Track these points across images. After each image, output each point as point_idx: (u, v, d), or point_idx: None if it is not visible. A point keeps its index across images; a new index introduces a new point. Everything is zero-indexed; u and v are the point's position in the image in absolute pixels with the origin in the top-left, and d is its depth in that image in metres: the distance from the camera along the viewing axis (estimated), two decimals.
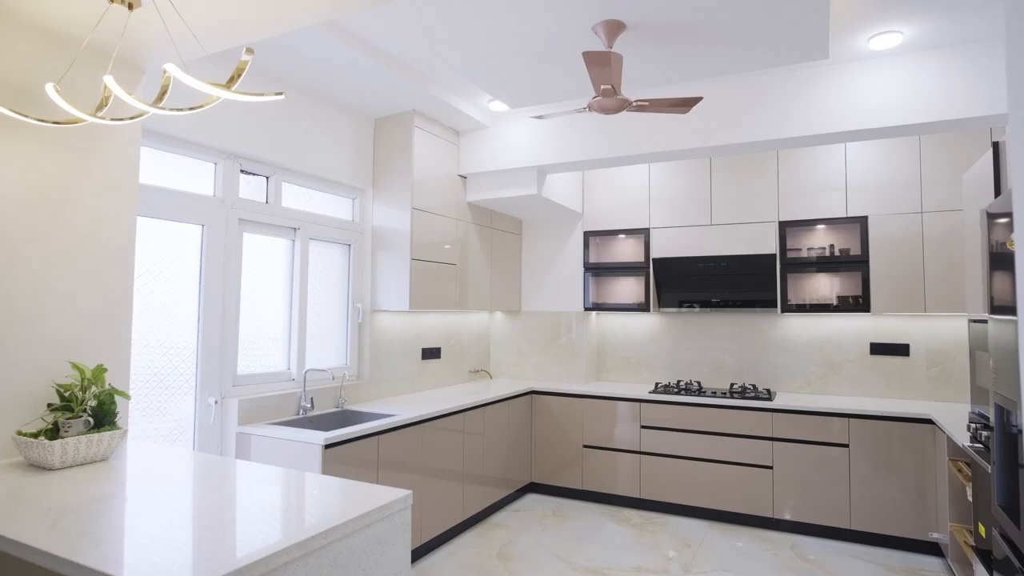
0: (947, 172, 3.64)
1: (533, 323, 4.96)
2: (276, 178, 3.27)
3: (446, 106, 3.69)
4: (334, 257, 3.67)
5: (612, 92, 2.26)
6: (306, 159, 3.35)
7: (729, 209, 4.22)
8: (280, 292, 3.33)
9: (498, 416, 4.09)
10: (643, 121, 3.59)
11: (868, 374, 4.02)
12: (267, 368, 3.23)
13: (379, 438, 3.00)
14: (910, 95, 2.94)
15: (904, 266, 3.69)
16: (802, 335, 4.21)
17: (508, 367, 5.05)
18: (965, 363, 3.76)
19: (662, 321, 4.69)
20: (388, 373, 3.92)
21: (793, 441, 3.71)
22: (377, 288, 3.79)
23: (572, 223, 4.81)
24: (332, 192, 3.66)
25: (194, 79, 1.31)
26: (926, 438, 3.40)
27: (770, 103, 3.26)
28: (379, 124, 3.85)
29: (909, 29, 2.70)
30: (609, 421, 4.26)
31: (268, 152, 3.13)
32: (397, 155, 3.77)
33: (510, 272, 4.87)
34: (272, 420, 3.09)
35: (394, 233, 3.74)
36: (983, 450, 2.34)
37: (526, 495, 4.49)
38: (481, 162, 4.12)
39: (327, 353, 3.61)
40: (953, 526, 3.02)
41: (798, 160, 4.03)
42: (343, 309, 3.74)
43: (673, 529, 3.80)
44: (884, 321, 3.99)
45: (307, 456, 2.67)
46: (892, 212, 3.75)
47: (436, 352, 4.41)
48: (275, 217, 3.24)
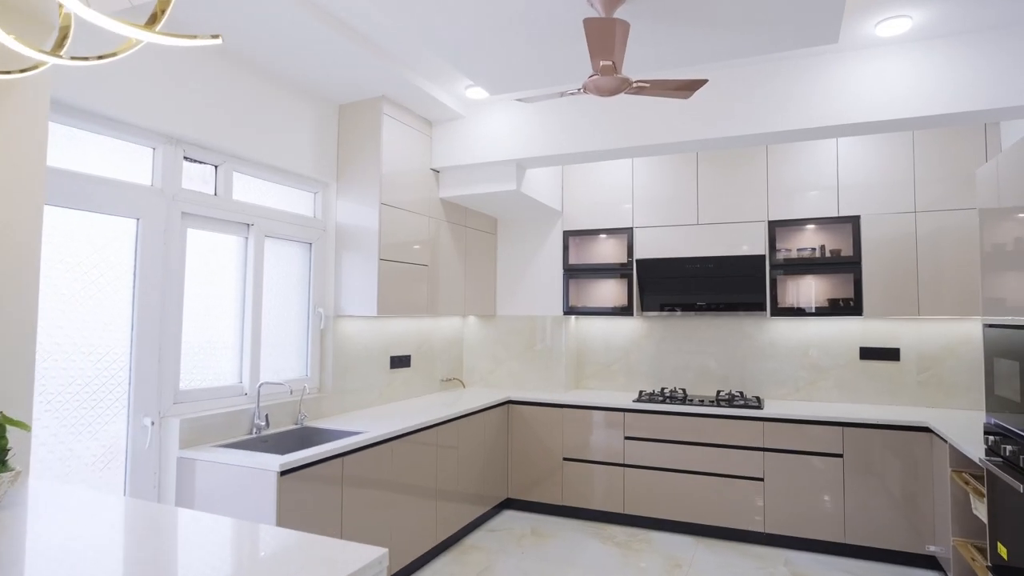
0: (940, 170, 3.53)
1: (509, 328, 4.68)
2: (226, 167, 2.91)
3: (419, 92, 3.38)
4: (293, 257, 3.32)
5: (612, 70, 2.01)
6: (262, 147, 3.00)
7: (716, 208, 4.03)
8: (231, 296, 2.96)
9: (473, 428, 3.79)
10: (632, 111, 3.36)
11: (858, 379, 3.88)
12: (215, 381, 2.86)
13: (344, 459, 2.66)
14: (917, 86, 2.78)
15: (897, 268, 3.56)
16: (790, 339, 4.05)
17: (482, 375, 4.76)
18: (956, 368, 3.66)
19: (644, 325, 4.48)
20: (353, 384, 3.58)
21: (785, 451, 3.53)
22: (341, 291, 3.45)
23: (551, 222, 4.56)
24: (291, 185, 3.31)
25: (102, 15, 0.99)
26: (922, 447, 3.26)
27: (768, 94, 3.07)
28: (344, 111, 3.51)
29: (919, 14, 2.54)
30: (591, 432, 4.01)
31: (217, 137, 2.76)
32: (364, 145, 3.44)
33: (485, 274, 4.59)
34: (220, 442, 2.72)
35: (360, 231, 3.40)
36: (1004, 464, 2.18)
37: (502, 512, 4.20)
38: (456, 155, 3.82)
39: (285, 363, 3.25)
40: (956, 541, 2.87)
41: (788, 157, 3.87)
42: (303, 314, 3.39)
43: (660, 547, 3.57)
44: (873, 325, 3.86)
45: (260, 485, 2.32)
46: (885, 211, 3.62)
47: (406, 360, 4.09)
48: (225, 211, 2.88)
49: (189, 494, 2.49)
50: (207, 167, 2.86)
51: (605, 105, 3.43)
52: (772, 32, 2.38)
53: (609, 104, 3.42)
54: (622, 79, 2.07)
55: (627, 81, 2.08)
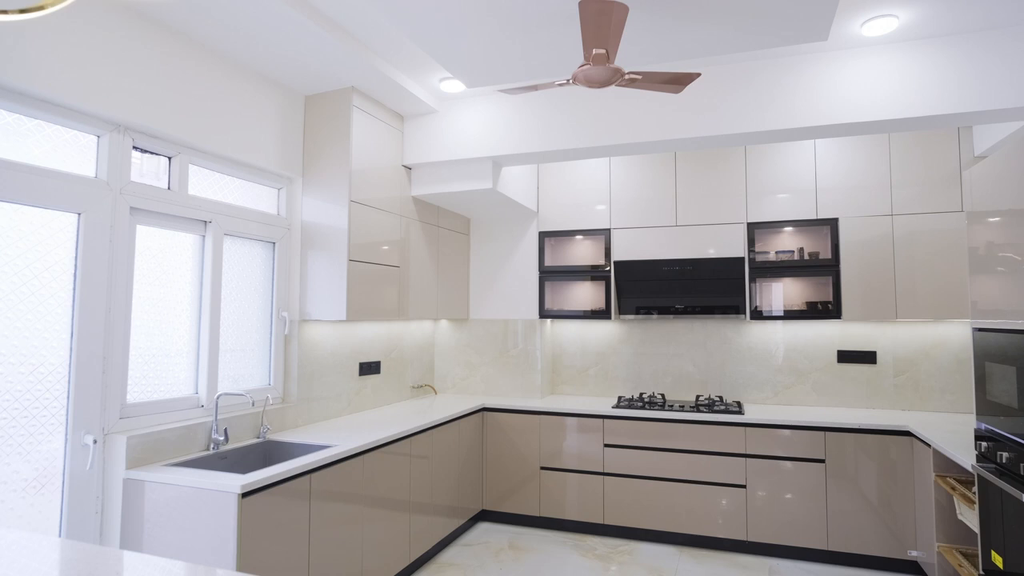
0: (915, 173, 3.54)
1: (482, 332, 4.52)
2: (182, 159, 2.67)
3: (391, 84, 3.20)
4: (255, 257, 3.09)
5: (605, 59, 1.89)
6: (221, 138, 2.77)
7: (695, 209, 3.97)
8: (186, 299, 2.72)
9: (447, 438, 3.62)
10: (613, 109, 3.26)
11: (835, 383, 3.87)
12: (167, 393, 2.61)
13: (311, 476, 2.46)
14: (901, 88, 2.75)
15: (875, 270, 3.56)
16: (768, 343, 4.02)
17: (454, 381, 4.59)
18: (932, 371, 3.67)
19: (621, 329, 4.38)
20: (320, 393, 3.37)
21: (767, 457, 3.47)
22: (307, 294, 3.23)
23: (526, 223, 4.42)
24: (253, 180, 3.08)
25: None
26: (903, 451, 3.24)
27: (751, 93, 3.00)
28: (311, 103, 3.30)
29: (906, 13, 2.50)
30: (569, 440, 3.88)
31: (171, 126, 2.53)
32: (332, 140, 3.24)
33: (457, 276, 4.42)
34: (173, 460, 2.48)
35: (328, 230, 3.20)
36: (1000, 471, 2.14)
37: (477, 525, 4.03)
38: (429, 151, 3.65)
39: (245, 371, 3.01)
40: (941, 546, 2.85)
41: (766, 158, 3.84)
42: (266, 319, 3.16)
43: (643, 558, 3.46)
44: (851, 328, 3.85)
45: (219, 508, 2.10)
46: (862, 214, 3.61)
47: (375, 367, 3.88)
48: (180, 207, 2.64)
49: (137, 521, 2.25)
50: (160, 158, 2.62)
51: (585, 102, 3.31)
52: (764, 27, 2.30)
53: (589, 101, 3.31)
54: (614, 70, 1.95)
55: (619, 72, 1.96)
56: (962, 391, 3.62)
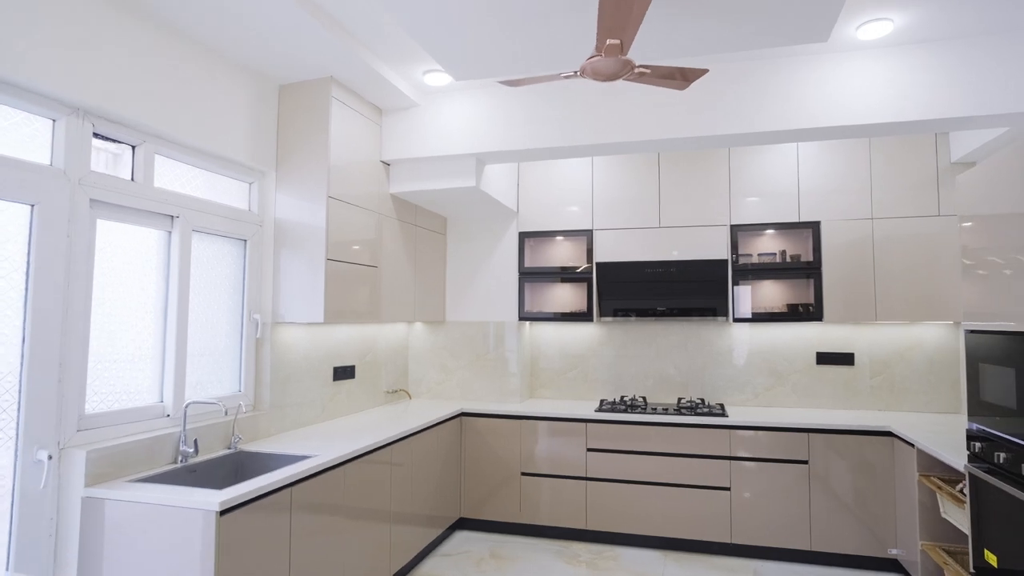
0: (894, 177, 3.60)
1: (459, 335, 4.40)
2: (147, 148, 2.46)
3: (372, 76, 3.05)
4: (225, 255, 2.89)
5: (617, 50, 1.80)
6: (190, 126, 2.57)
7: (678, 211, 3.95)
8: (151, 299, 2.51)
9: (427, 444, 3.48)
10: (603, 106, 3.19)
11: (814, 384, 3.91)
12: (130, 402, 2.40)
13: (292, 489, 2.30)
14: (892, 92, 2.78)
15: (855, 273, 3.60)
16: (749, 345, 4.03)
17: (430, 385, 4.44)
18: (907, 372, 3.75)
19: (601, 331, 4.33)
20: (293, 399, 3.18)
21: (751, 459, 3.47)
22: (280, 295, 3.05)
23: (506, 223, 4.32)
24: (223, 173, 2.88)
25: None
26: (884, 451, 3.28)
27: (742, 94, 2.99)
28: (285, 93, 3.12)
29: (900, 17, 2.52)
30: (551, 444, 3.80)
31: (136, 111, 2.32)
32: (309, 132, 3.06)
33: (434, 277, 4.28)
34: (138, 475, 2.27)
35: (304, 228, 3.02)
36: (997, 471, 2.15)
37: (455, 533, 3.90)
38: (409, 147, 3.51)
39: (214, 378, 2.81)
40: (924, 544, 2.88)
41: (750, 161, 3.85)
42: (235, 321, 2.96)
43: (628, 564, 3.40)
44: (830, 330, 3.90)
45: (194, 527, 1.92)
46: (843, 218, 3.65)
47: (350, 371, 3.71)
48: (145, 200, 2.43)
49: (97, 544, 2.04)
50: (123, 147, 2.41)
51: (573, 100, 3.24)
52: (766, 25, 2.27)
53: (577, 99, 3.23)
54: (625, 62, 1.88)
55: (630, 65, 1.89)
56: (935, 392, 3.70)
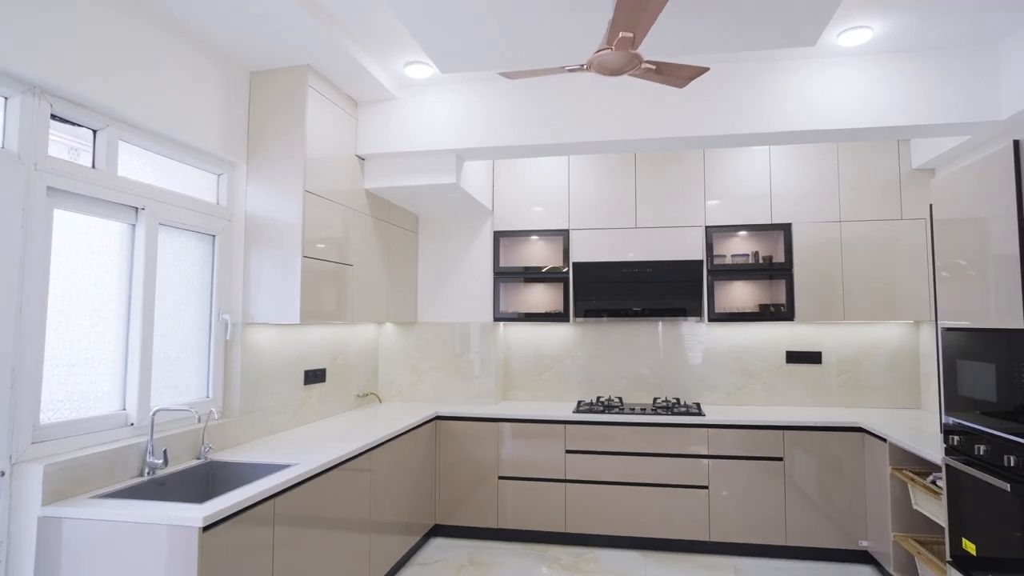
0: (860, 181, 3.73)
1: (432, 336, 4.28)
2: (110, 133, 2.26)
3: (352, 66, 2.92)
4: (192, 251, 2.70)
5: (629, 43, 1.77)
6: (156, 111, 2.38)
7: (655, 211, 3.97)
8: (113, 298, 2.31)
9: (403, 449, 3.36)
10: (588, 104, 3.17)
11: (784, 383, 4.01)
12: (90, 410, 2.19)
13: (275, 500, 2.15)
14: (869, 98, 2.87)
15: (824, 274, 3.72)
16: (722, 345, 4.10)
17: (401, 388, 4.31)
18: (871, 370, 3.90)
19: (576, 332, 4.31)
20: (263, 405, 3.01)
21: (729, 457, 3.51)
22: (251, 294, 2.88)
23: (480, 221, 4.24)
24: (191, 163, 2.69)
25: None
26: (855, 446, 3.39)
27: (724, 95, 3.02)
28: (257, 80, 2.95)
29: (880, 25, 2.61)
30: (529, 447, 3.74)
31: (99, 91, 2.13)
32: (283, 123, 2.90)
33: (406, 276, 4.16)
34: (101, 490, 2.07)
35: (277, 223, 2.86)
36: (973, 462, 2.24)
37: (430, 541, 3.79)
38: (387, 141, 3.39)
39: (180, 382, 2.62)
40: (897, 535, 2.99)
41: (724, 163, 3.91)
42: (203, 322, 2.77)
43: (609, 565, 3.38)
44: (799, 329, 4.01)
45: (173, 547, 1.76)
46: (813, 220, 3.76)
47: (321, 375, 3.55)
48: (107, 189, 2.23)
49: (53, 569, 1.84)
50: (83, 131, 2.20)
51: (555, 97, 3.20)
52: (762, 27, 2.29)
53: (559, 96, 3.20)
54: (633, 56, 1.85)
55: (638, 59, 1.86)
56: (897, 388, 3.86)
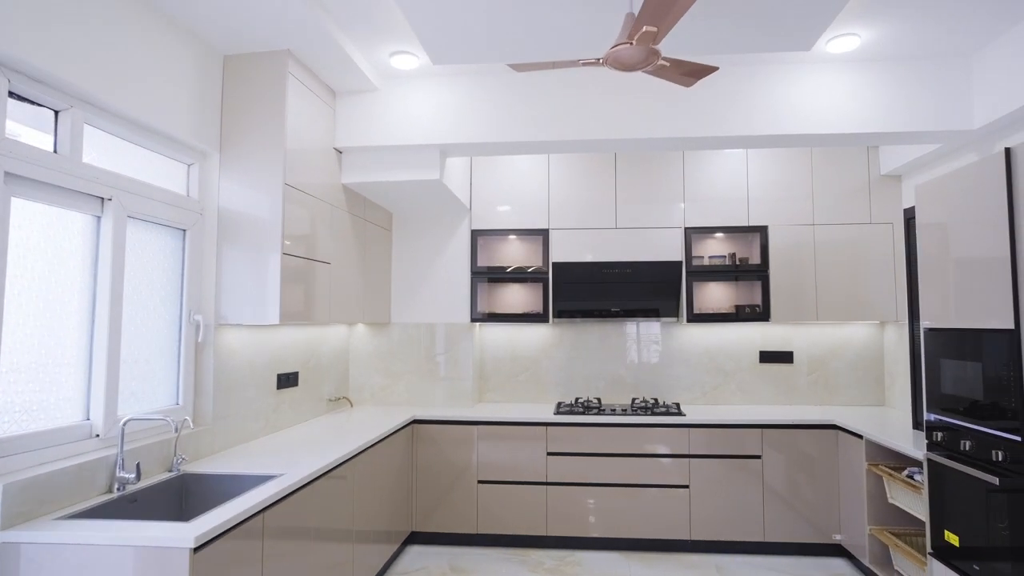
0: (832, 186, 3.85)
1: (405, 338, 4.15)
2: (74, 115, 2.05)
3: (335, 53, 2.78)
4: (161, 247, 2.50)
5: (652, 38, 1.73)
6: (124, 92, 2.18)
7: (635, 212, 3.98)
8: (76, 296, 2.10)
9: (382, 455, 3.22)
10: (572, 103, 3.13)
11: (757, 382, 4.09)
12: (50, 421, 1.98)
13: (264, 515, 2.00)
14: (855, 104, 2.96)
15: (798, 276, 3.81)
16: (698, 345, 4.15)
17: (373, 391, 4.16)
18: (840, 369, 4.03)
19: (553, 333, 4.27)
20: (236, 411, 2.82)
21: (709, 457, 3.55)
22: (224, 293, 2.69)
23: (457, 220, 4.14)
24: (160, 151, 2.48)
25: None
26: (829, 443, 3.49)
27: (713, 97, 3.05)
28: (231, 65, 2.76)
29: (868, 33, 2.68)
30: (510, 450, 3.67)
31: (62, 67, 1.92)
32: (261, 112, 2.73)
33: (380, 276, 4.01)
34: (66, 510, 1.87)
35: (254, 218, 2.68)
36: (958, 457, 2.32)
37: (407, 549, 3.67)
38: (368, 134, 3.25)
39: (147, 389, 2.41)
40: (873, 529, 3.08)
41: (703, 165, 3.95)
42: (173, 324, 2.56)
43: (593, 567, 3.36)
44: (772, 329, 4.10)
45: (162, 570, 1.60)
46: (788, 223, 3.85)
47: (294, 378, 3.37)
48: (71, 177, 2.02)
49: None
50: (45, 111, 1.99)
51: (541, 95, 3.14)
52: (763, 30, 2.31)
53: (549, 93, 3.14)
54: (652, 52, 1.81)
55: (656, 55, 1.82)
56: (863, 386, 4.01)
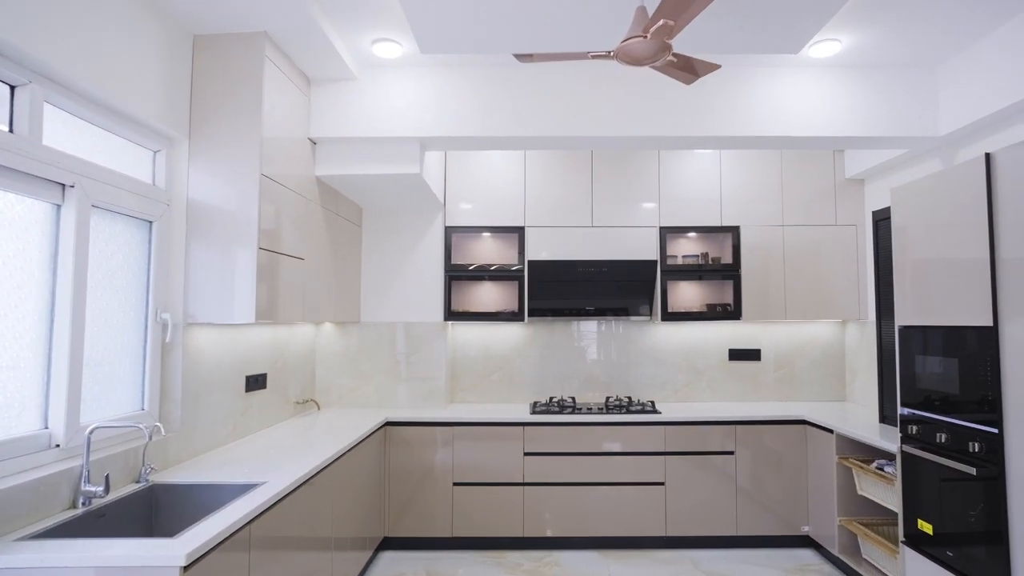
0: (800, 188, 3.97)
1: (376, 337, 4.02)
2: (33, 91, 1.85)
3: (315, 37, 2.64)
4: (126, 239, 2.30)
5: (668, 32, 1.71)
6: (87, 69, 1.98)
7: (611, 211, 3.98)
8: (33, 292, 1.89)
9: (357, 459, 3.10)
10: (558, 99, 3.09)
11: (726, 379, 4.18)
12: (3, 431, 1.78)
13: (251, 526, 1.87)
14: (834, 108, 3.05)
15: (768, 275, 3.91)
16: (670, 343, 4.20)
17: (341, 393, 4.00)
18: (804, 366, 4.17)
19: (527, 332, 4.23)
20: (204, 416, 2.64)
21: (684, 453, 3.60)
22: (192, 290, 2.51)
23: (431, 216, 4.04)
24: (124, 135, 2.29)
25: None
26: (799, 438, 3.60)
27: (698, 97, 3.08)
28: (201, 45, 2.58)
29: (849, 38, 2.76)
30: (486, 451, 3.61)
31: (21, 35, 1.73)
32: (236, 97, 2.56)
33: (350, 272, 3.86)
34: (28, 529, 1.69)
35: (227, 210, 2.51)
36: (933, 448, 2.42)
37: (381, 555, 3.55)
38: (345, 125, 3.11)
39: (111, 393, 2.21)
40: (842, 519, 3.20)
41: (677, 166, 4.00)
42: (138, 323, 2.37)
43: (572, 567, 3.34)
44: (741, 328, 4.20)
45: None
46: (760, 224, 3.95)
47: (262, 380, 3.20)
48: (29, 160, 1.83)
49: None
50: (0, 87, 1.79)
51: (528, 89, 3.10)
52: (756, 31, 2.34)
53: (533, 89, 3.10)
54: (664, 46, 1.79)
55: (668, 50, 1.81)
56: (826, 382, 4.16)
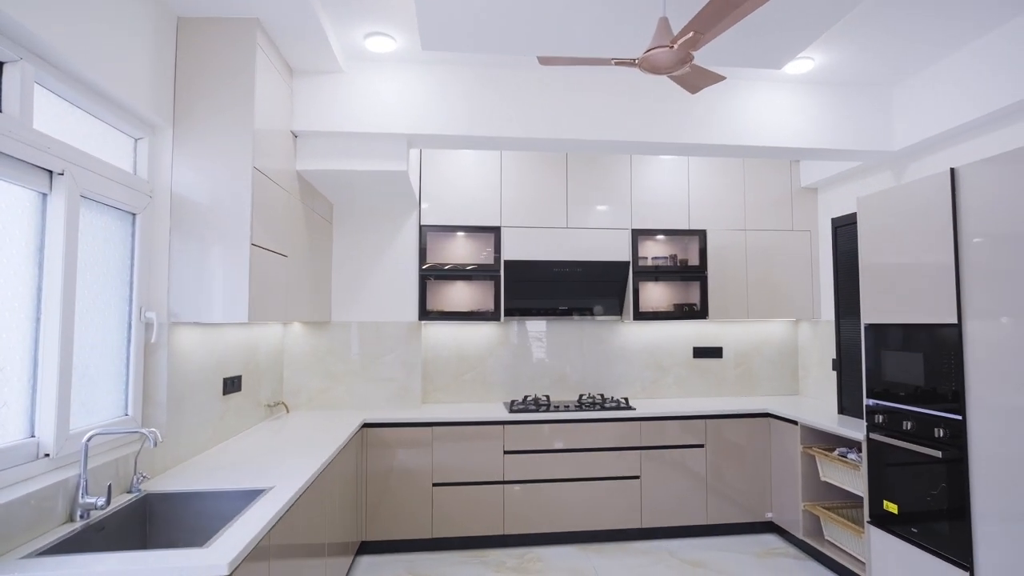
0: (760, 195, 4.21)
1: (346, 337, 3.92)
2: (24, 68, 1.70)
3: (310, 27, 2.56)
4: (109, 233, 2.14)
5: (693, 44, 1.79)
6: (80, 47, 1.84)
7: (584, 212, 4.07)
8: (19, 289, 1.74)
9: (339, 463, 3.02)
10: (546, 101, 3.14)
11: (690, 376, 4.37)
12: None
13: (271, 533, 1.79)
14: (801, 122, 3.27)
15: (732, 277, 4.13)
16: (638, 342, 4.34)
17: (311, 395, 3.88)
18: (762, 363, 4.42)
19: (500, 331, 4.25)
20: (188, 420, 2.49)
21: (658, 448, 3.74)
22: (176, 288, 2.37)
23: (405, 214, 3.98)
24: (107, 120, 2.13)
25: None
26: (762, 430, 3.82)
27: (684, 104, 3.21)
28: (187, 28, 2.44)
29: (821, 57, 2.97)
30: (466, 450, 3.60)
31: (11, 4, 1.59)
32: (225, 85, 2.44)
33: (321, 271, 3.75)
34: (29, 548, 1.55)
35: (216, 204, 2.39)
36: (898, 435, 2.65)
37: (359, 559, 3.46)
38: (330, 119, 3.02)
39: (95, 397, 2.06)
40: (807, 505, 3.43)
41: (648, 170, 4.14)
42: (121, 322, 2.21)
43: (555, 563, 3.39)
44: (705, 327, 4.40)
45: None
46: (725, 228, 4.16)
47: (237, 383, 3.05)
48: (18, 144, 1.67)
49: None
50: None
51: (518, 90, 3.13)
52: (746, 46, 2.48)
53: (523, 90, 3.13)
54: (686, 56, 1.87)
55: (689, 60, 1.89)
56: (781, 378, 4.43)
